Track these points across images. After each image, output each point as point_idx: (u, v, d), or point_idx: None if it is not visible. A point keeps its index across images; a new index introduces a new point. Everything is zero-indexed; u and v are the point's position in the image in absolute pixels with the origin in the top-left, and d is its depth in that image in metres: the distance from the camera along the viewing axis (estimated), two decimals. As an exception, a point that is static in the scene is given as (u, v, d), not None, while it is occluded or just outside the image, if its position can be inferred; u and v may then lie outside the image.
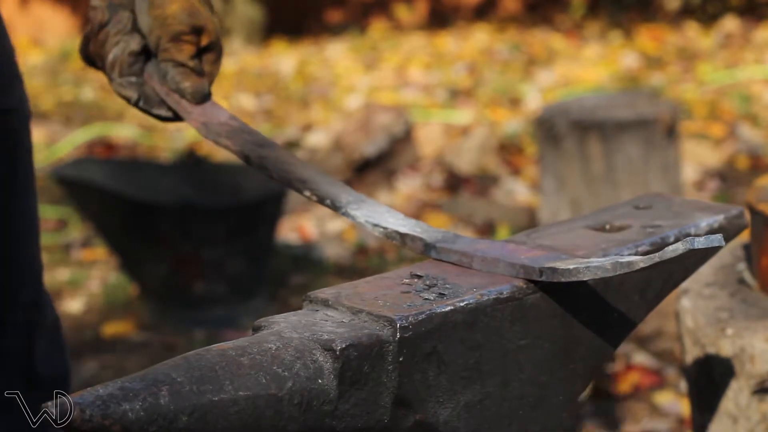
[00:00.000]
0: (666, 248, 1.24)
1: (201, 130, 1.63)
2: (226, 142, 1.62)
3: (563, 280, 1.32)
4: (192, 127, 1.66)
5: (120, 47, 1.65)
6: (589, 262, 1.32)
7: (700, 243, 1.21)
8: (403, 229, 1.49)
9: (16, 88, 1.84)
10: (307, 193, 1.55)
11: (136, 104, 1.68)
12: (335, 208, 1.53)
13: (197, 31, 1.61)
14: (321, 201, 1.54)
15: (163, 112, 1.69)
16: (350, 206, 1.52)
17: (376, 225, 1.51)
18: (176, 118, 1.68)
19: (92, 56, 1.68)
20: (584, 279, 1.32)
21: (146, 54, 1.66)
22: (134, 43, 1.64)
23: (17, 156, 1.84)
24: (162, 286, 4.25)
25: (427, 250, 1.46)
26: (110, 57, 1.65)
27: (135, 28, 1.64)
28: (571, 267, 1.32)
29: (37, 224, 1.89)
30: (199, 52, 1.63)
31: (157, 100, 1.67)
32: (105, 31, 1.64)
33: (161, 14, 1.59)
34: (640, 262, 1.25)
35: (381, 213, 1.53)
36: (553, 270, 1.33)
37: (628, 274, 1.47)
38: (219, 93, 7.61)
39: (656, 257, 1.24)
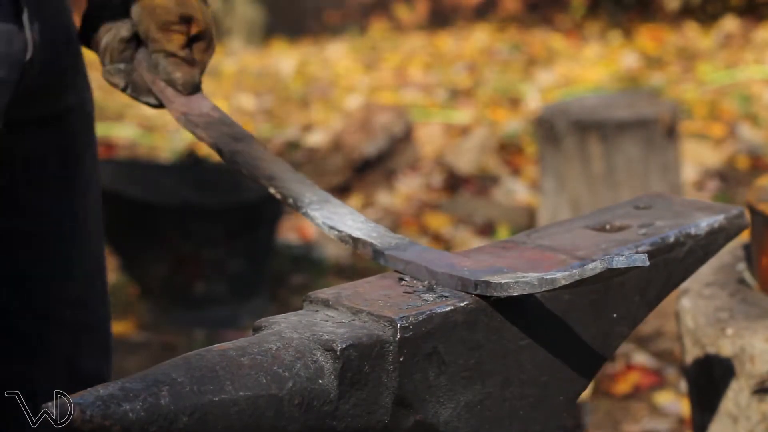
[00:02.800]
0: (586, 267, 1.24)
1: (180, 120, 1.64)
2: (202, 133, 1.62)
3: (495, 294, 1.32)
4: (172, 116, 1.67)
5: (111, 34, 1.66)
6: (519, 277, 1.32)
7: (620, 262, 1.22)
8: (356, 234, 1.48)
9: (77, 84, 1.81)
10: (273, 191, 1.55)
11: (123, 90, 1.69)
12: (297, 207, 1.52)
13: (186, 20, 1.61)
14: (284, 200, 1.55)
15: (152, 100, 1.70)
16: (311, 206, 1.52)
17: (332, 227, 1.49)
18: (162, 105, 1.69)
19: (89, 39, 1.68)
20: (514, 294, 1.31)
21: (137, 41, 1.66)
22: (124, 30, 1.65)
23: (78, 156, 1.81)
24: (162, 286, 4.25)
25: (375, 256, 1.45)
26: (102, 43, 1.66)
27: (126, 15, 1.64)
28: (503, 282, 1.32)
29: (98, 226, 1.86)
30: (190, 41, 1.64)
31: (146, 88, 1.68)
32: (99, 17, 1.65)
33: (150, 4, 1.60)
34: (562, 279, 1.26)
35: (341, 215, 1.51)
36: (487, 284, 1.33)
37: (629, 275, 1.47)
38: (219, 93, 7.61)
39: (576, 275, 1.24)
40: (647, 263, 1.23)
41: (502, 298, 1.34)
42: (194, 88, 1.65)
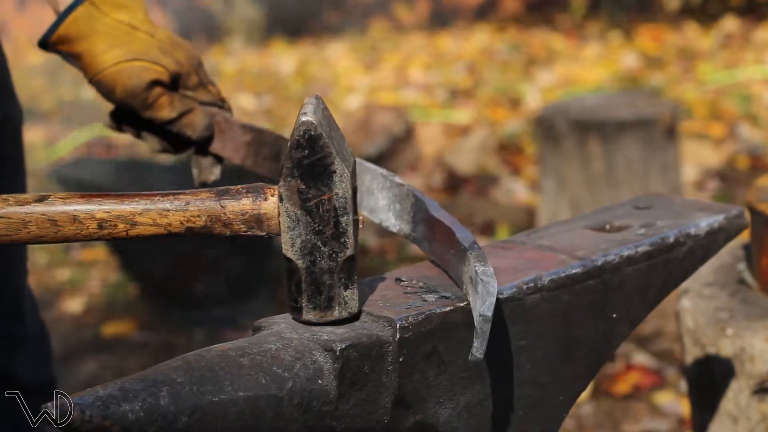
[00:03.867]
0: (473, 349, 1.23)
1: (232, 160, 1.69)
2: (249, 167, 1.68)
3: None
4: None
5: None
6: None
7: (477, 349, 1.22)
8: (391, 226, 1.53)
9: (2, 102, 1.82)
10: None
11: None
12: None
13: (152, 86, 1.60)
14: None
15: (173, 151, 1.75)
16: None
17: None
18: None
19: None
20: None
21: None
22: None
23: (2, 167, 1.83)
24: (162, 286, 4.25)
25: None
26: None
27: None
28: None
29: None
30: (178, 86, 1.64)
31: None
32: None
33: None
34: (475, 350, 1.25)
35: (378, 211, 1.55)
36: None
37: (628, 275, 1.47)
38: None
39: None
40: (480, 355, 1.22)
41: (507, 298, 1.34)
42: (207, 129, 1.66)
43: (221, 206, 1.27)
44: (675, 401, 3.39)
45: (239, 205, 1.27)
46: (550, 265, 1.42)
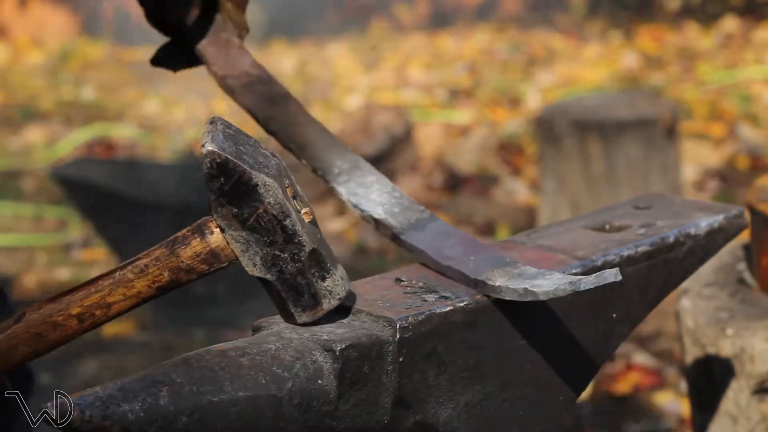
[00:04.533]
0: (559, 287, 1.25)
1: (220, 85, 1.65)
2: (239, 98, 1.64)
3: (490, 294, 1.33)
4: (213, 79, 1.68)
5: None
6: (512, 280, 1.33)
7: (588, 284, 1.24)
8: (378, 214, 1.51)
9: None
10: (304, 162, 1.57)
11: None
12: (325, 181, 1.55)
13: None
14: (314, 172, 1.57)
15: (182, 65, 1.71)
16: (339, 178, 1.54)
17: (356, 206, 1.53)
18: (197, 63, 1.69)
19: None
20: (505, 299, 1.32)
21: None
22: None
23: None
24: (162, 286, 4.24)
25: (393, 239, 1.49)
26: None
27: None
28: (496, 285, 1.33)
29: None
30: None
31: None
32: None
33: None
34: (541, 295, 1.28)
35: (368, 187, 1.54)
36: (483, 284, 1.35)
37: (628, 275, 1.47)
38: (219, 93, 7.60)
39: (551, 293, 1.26)
40: (619, 278, 1.24)
41: (502, 299, 1.34)
42: (245, 30, 1.66)
43: (176, 257, 1.29)
44: (675, 401, 3.40)
45: (191, 249, 1.30)
46: (550, 265, 1.42)
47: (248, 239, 1.27)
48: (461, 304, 1.32)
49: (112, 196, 4.10)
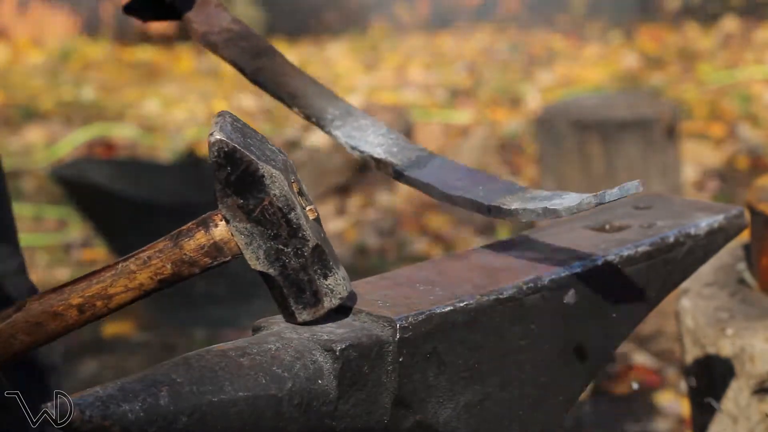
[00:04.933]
0: (582, 201, 1.26)
1: (201, 42, 1.64)
2: (222, 53, 1.62)
3: (506, 218, 1.35)
4: (192, 37, 1.66)
5: None
6: (528, 203, 1.34)
7: (612, 195, 1.25)
8: (378, 154, 1.51)
9: None
10: (296, 110, 1.57)
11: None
12: (320, 126, 1.55)
13: None
14: (308, 119, 1.57)
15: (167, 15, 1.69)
16: (334, 124, 1.54)
17: (354, 147, 1.53)
18: (176, 18, 1.68)
19: None
20: (522, 220, 1.34)
21: None
22: None
23: None
24: (162, 286, 4.24)
25: (396, 176, 1.49)
26: None
27: None
28: (512, 208, 1.34)
29: (11, 226, 1.88)
30: None
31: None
32: None
33: None
34: (564, 212, 1.29)
35: (363, 130, 1.54)
36: (498, 209, 1.36)
37: (628, 275, 1.47)
38: (219, 93, 7.61)
39: (574, 209, 1.27)
40: (642, 188, 1.25)
41: (507, 298, 1.34)
42: None
43: (180, 249, 1.28)
44: (675, 401, 3.40)
45: (195, 241, 1.28)
46: (550, 265, 1.42)
47: (252, 231, 1.25)
48: (461, 305, 1.32)
49: (112, 196, 4.09)
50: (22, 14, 10.03)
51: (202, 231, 1.28)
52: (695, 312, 2.02)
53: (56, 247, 5.00)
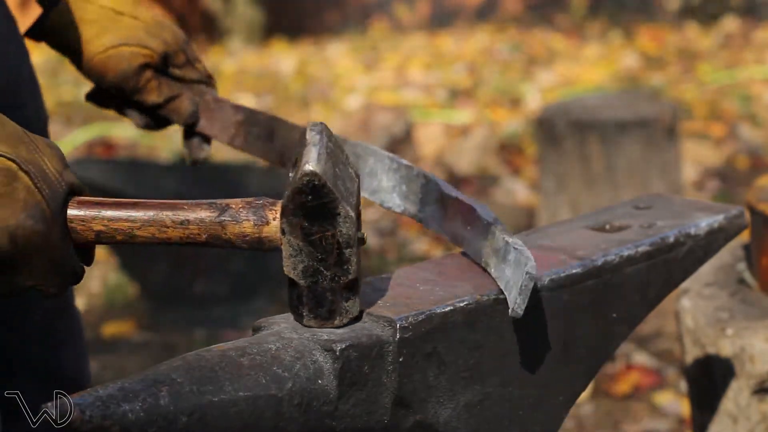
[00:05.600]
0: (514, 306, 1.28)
1: (228, 144, 1.70)
2: (238, 144, 1.69)
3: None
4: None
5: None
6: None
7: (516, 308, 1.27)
8: (397, 207, 1.53)
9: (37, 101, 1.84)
10: None
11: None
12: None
13: (142, 70, 1.62)
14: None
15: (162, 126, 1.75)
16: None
17: (381, 203, 1.55)
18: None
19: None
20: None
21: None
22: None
23: None
24: (162, 286, 4.25)
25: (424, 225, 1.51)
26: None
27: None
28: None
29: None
30: (168, 65, 1.66)
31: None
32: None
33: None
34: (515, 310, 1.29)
35: (375, 174, 1.56)
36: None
37: (628, 275, 1.47)
38: (219, 93, 7.60)
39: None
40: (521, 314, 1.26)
41: (502, 298, 1.34)
42: (193, 116, 1.68)
43: (222, 227, 1.26)
44: (675, 401, 3.40)
45: (240, 228, 1.26)
46: (550, 265, 1.42)
47: (302, 249, 1.24)
48: (461, 304, 1.32)
49: (112, 196, 4.09)
50: (23, 14, 10.01)
51: (252, 222, 1.25)
52: (695, 312, 2.02)
53: (56, 247, 4.99)
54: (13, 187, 1.18)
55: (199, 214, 1.26)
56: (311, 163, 1.23)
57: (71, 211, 1.24)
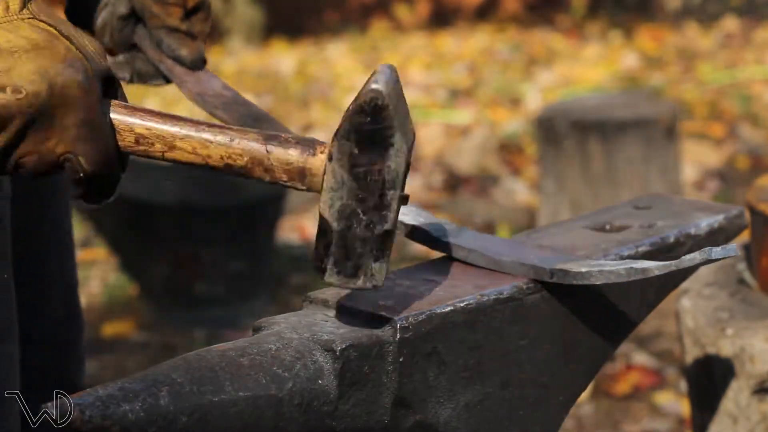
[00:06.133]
0: (684, 257, 1.24)
1: (197, 101, 1.62)
2: (222, 114, 1.60)
3: (575, 282, 1.33)
4: (186, 97, 1.65)
5: (108, 11, 1.62)
6: (602, 265, 1.33)
7: (718, 254, 1.21)
8: (407, 220, 1.49)
9: None
10: None
11: (130, 82, 1.65)
12: None
13: None
14: None
15: (160, 81, 1.67)
16: None
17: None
18: (169, 82, 1.67)
19: (81, 17, 1.65)
20: (596, 283, 1.32)
21: (135, 17, 1.63)
22: (122, 6, 1.62)
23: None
24: (162, 286, 4.24)
25: (434, 245, 1.47)
26: (99, 22, 1.63)
27: None
28: (584, 270, 1.32)
29: (69, 235, 1.83)
30: (188, 13, 1.61)
31: (151, 72, 1.65)
32: None
33: None
34: (655, 269, 1.25)
35: None
36: (565, 272, 1.34)
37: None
38: (219, 93, 7.59)
39: (672, 265, 1.24)
40: (738, 253, 1.24)
41: (507, 298, 1.34)
42: (202, 63, 1.64)
43: (267, 151, 1.22)
44: (675, 401, 3.40)
45: (285, 154, 1.22)
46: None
47: (345, 182, 1.19)
48: (461, 304, 1.32)
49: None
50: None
51: (299, 150, 1.22)
52: (695, 312, 2.02)
53: (56, 247, 4.99)
54: (53, 44, 1.16)
55: (245, 135, 1.23)
56: (379, 83, 1.19)
57: (112, 115, 1.21)
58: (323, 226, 1.22)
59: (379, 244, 1.21)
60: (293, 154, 1.22)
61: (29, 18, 1.16)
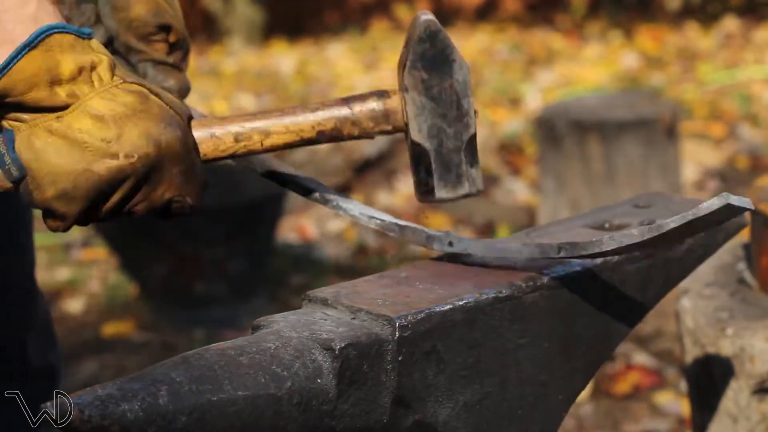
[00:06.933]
0: (701, 205, 1.24)
1: None
2: None
3: (584, 253, 1.34)
4: None
5: None
6: (612, 235, 1.33)
7: (735, 200, 1.21)
8: (401, 222, 1.51)
9: None
10: (292, 186, 1.57)
11: None
12: (324, 202, 1.55)
13: (165, 29, 1.60)
14: (306, 194, 1.56)
15: None
16: (340, 201, 1.54)
17: (372, 217, 1.53)
18: None
19: None
20: (607, 250, 1.32)
21: (111, 47, 1.64)
22: (99, 36, 1.63)
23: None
24: (162, 286, 4.25)
25: (430, 242, 1.48)
26: None
27: (99, 20, 1.62)
28: (594, 239, 1.34)
29: (28, 215, 1.87)
30: (171, 48, 1.63)
31: None
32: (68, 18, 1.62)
33: (126, 17, 1.58)
34: (671, 223, 1.26)
35: (371, 209, 1.54)
36: (573, 245, 1.36)
37: (628, 274, 1.47)
38: (219, 93, 7.61)
39: (690, 215, 1.24)
40: (754, 207, 1.26)
41: (506, 296, 1.34)
42: (188, 92, 1.66)
43: (349, 108, 1.38)
44: (675, 401, 3.39)
45: (366, 105, 1.39)
46: (550, 263, 1.42)
47: (425, 106, 1.35)
48: (460, 303, 1.31)
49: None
50: (22, 14, 10.00)
51: (375, 98, 1.39)
52: (695, 312, 2.01)
53: (56, 247, 5.00)
54: (148, 105, 1.30)
55: (325, 102, 1.39)
56: (427, 14, 1.36)
57: (210, 129, 1.37)
58: (417, 151, 1.37)
59: (469, 150, 1.37)
60: (373, 103, 1.39)
61: (121, 83, 1.31)
